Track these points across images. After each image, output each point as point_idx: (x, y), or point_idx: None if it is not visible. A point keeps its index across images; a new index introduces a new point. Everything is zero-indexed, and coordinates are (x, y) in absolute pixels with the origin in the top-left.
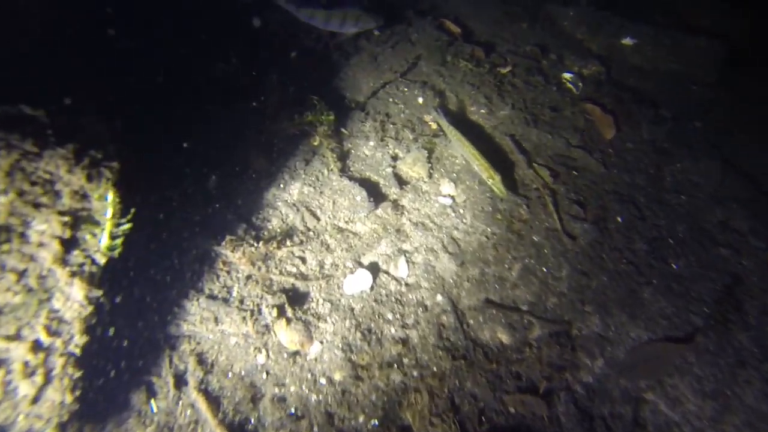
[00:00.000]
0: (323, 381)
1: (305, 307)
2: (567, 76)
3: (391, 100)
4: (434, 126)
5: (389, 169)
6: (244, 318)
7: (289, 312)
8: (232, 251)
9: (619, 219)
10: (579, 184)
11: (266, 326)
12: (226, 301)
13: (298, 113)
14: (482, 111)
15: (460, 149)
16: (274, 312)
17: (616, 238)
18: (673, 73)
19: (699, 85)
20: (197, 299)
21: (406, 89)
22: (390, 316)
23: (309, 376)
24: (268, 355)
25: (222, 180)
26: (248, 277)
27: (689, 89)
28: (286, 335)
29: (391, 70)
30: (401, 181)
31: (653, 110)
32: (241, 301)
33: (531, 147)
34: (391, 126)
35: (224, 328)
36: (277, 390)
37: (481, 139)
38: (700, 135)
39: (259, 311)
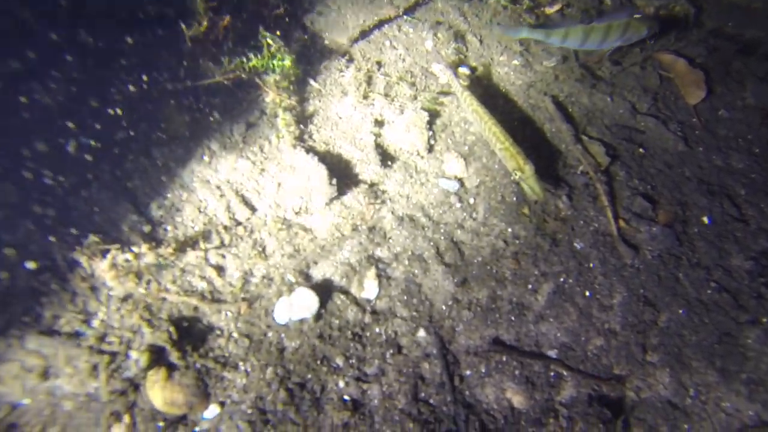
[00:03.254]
0: None
1: (206, 347)
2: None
3: (387, 43)
4: (444, 80)
5: (370, 138)
6: (94, 367)
7: (174, 356)
8: (91, 259)
9: (706, 220)
10: (647, 167)
11: (129, 381)
12: (73, 337)
13: (232, 54)
14: (515, 62)
15: (477, 123)
16: (143, 359)
17: (700, 249)
18: None
19: None
20: (19, 338)
21: (410, 30)
22: (340, 361)
23: None
24: (131, 425)
25: (106, 146)
26: (125, 299)
27: None
28: (162, 394)
29: (391, 4)
30: (386, 156)
31: (765, 65)
32: (101, 338)
33: (581, 113)
34: (382, 78)
35: (58, 385)
36: None
37: (510, 102)
38: None
39: (127, 356)
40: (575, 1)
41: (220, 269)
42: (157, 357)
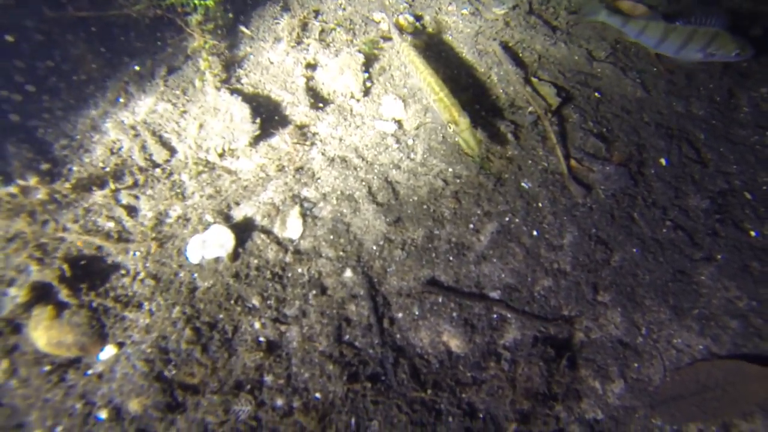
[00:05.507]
0: (103, 415)
1: (107, 286)
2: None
3: None
4: (386, 27)
5: (301, 81)
6: None
7: (64, 294)
8: None
9: (664, 162)
10: (603, 111)
11: (7, 321)
12: None
13: None
14: (464, 11)
15: (413, 74)
16: (22, 294)
17: (657, 189)
18: None
19: None
20: None
21: None
22: (257, 301)
23: (79, 406)
24: (11, 371)
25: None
26: (12, 238)
27: None
28: (48, 334)
29: None
30: (319, 99)
31: (730, 15)
32: None
33: (532, 59)
34: (318, 25)
35: None
36: None
37: (455, 50)
38: None
39: (4, 294)
40: None
41: (131, 209)
42: (43, 294)
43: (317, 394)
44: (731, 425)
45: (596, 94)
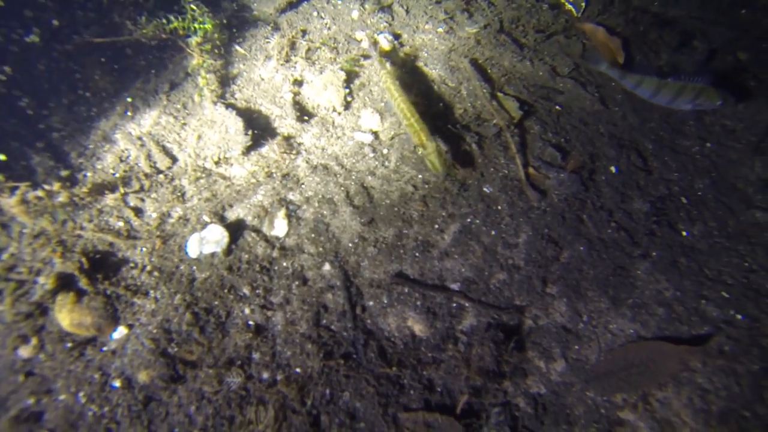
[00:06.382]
0: (117, 384)
1: (118, 276)
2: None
3: (315, 14)
4: (366, 45)
5: (289, 96)
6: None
7: (83, 282)
8: None
9: (613, 169)
10: (563, 123)
11: (36, 305)
12: None
13: (155, 16)
14: (439, 30)
15: (390, 100)
16: (49, 282)
17: (605, 194)
18: None
19: (752, 8)
20: None
21: (338, 2)
22: (247, 290)
23: (97, 376)
24: (39, 346)
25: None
26: (38, 235)
27: (737, 14)
28: (71, 316)
29: None
30: (304, 112)
31: (680, 37)
32: (9, 269)
33: (500, 75)
34: (305, 44)
35: None
36: (38, 400)
37: (430, 65)
38: (744, 69)
39: (34, 282)
40: None
41: (138, 211)
42: (66, 283)
43: (298, 369)
44: (649, 394)
45: (557, 107)
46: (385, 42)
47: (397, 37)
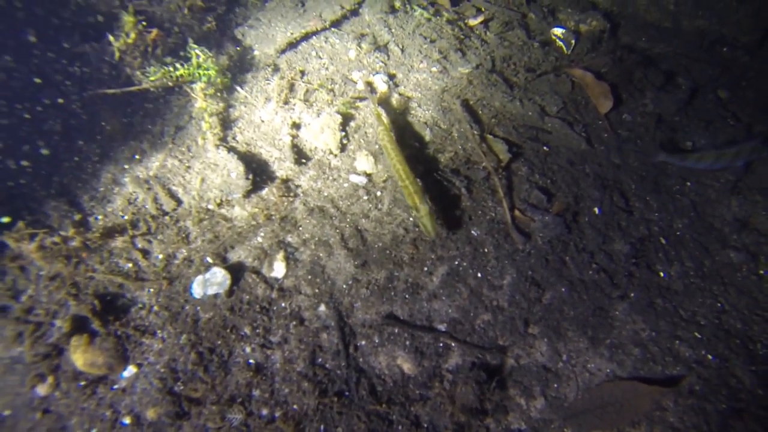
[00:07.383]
0: (126, 421)
1: (128, 317)
2: (557, 31)
3: (314, 53)
4: (362, 87)
5: (287, 139)
6: (19, 334)
7: (96, 324)
8: (19, 242)
9: (596, 211)
10: (549, 164)
11: (53, 346)
12: (1, 311)
13: (163, 64)
14: (433, 69)
15: (386, 158)
16: (66, 325)
17: (588, 236)
18: (699, 32)
19: (732, 47)
20: None
21: (336, 41)
22: (248, 330)
23: (108, 414)
24: (55, 385)
25: (49, 143)
26: (53, 278)
27: (718, 52)
28: (84, 356)
29: (319, 18)
30: (302, 155)
31: (664, 76)
32: (28, 311)
33: (490, 115)
34: (303, 85)
35: None
36: None
37: (423, 107)
38: (724, 108)
39: (51, 325)
40: (500, 13)
41: (145, 252)
42: (81, 325)
43: (295, 406)
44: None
45: (545, 147)
46: (380, 83)
47: (392, 77)
